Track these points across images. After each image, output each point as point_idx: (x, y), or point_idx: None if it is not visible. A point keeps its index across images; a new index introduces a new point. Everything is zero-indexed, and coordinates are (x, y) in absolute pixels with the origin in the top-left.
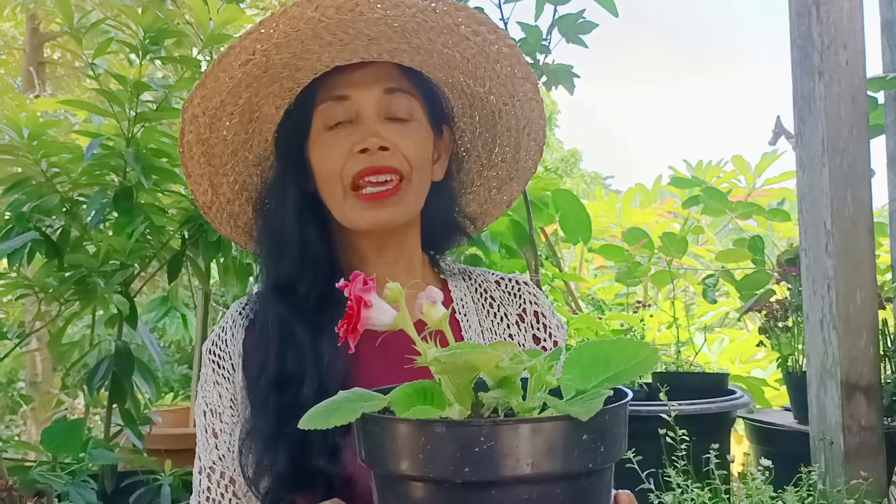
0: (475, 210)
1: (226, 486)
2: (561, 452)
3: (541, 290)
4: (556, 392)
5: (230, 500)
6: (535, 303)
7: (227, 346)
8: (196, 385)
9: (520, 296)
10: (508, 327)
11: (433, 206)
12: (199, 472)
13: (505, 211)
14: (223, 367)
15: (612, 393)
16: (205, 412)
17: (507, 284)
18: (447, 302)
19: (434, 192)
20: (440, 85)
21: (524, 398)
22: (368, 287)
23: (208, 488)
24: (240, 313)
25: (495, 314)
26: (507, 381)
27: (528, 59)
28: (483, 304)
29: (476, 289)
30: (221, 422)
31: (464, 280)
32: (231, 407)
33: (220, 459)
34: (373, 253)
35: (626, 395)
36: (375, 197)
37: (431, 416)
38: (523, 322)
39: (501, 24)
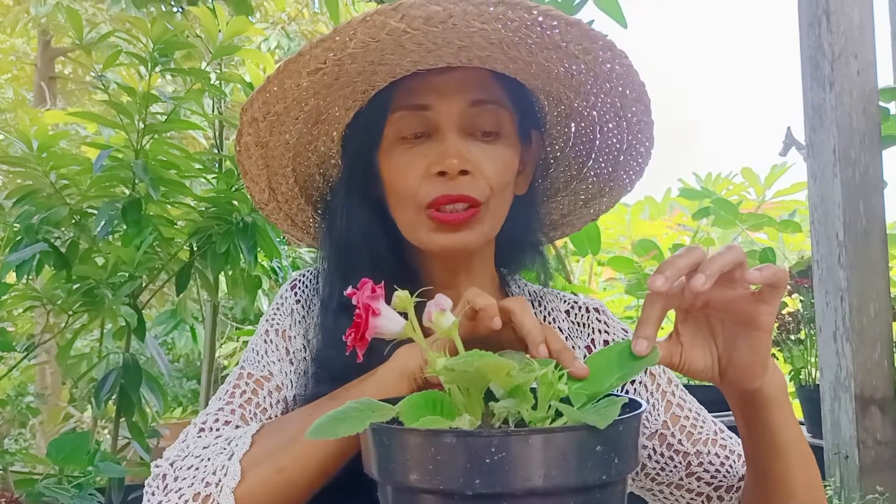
0: (556, 219)
1: (278, 401)
2: (574, 464)
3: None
4: (566, 402)
5: (281, 411)
6: (605, 331)
7: (316, 293)
8: (208, 392)
9: (588, 325)
10: None
11: (512, 221)
12: (240, 378)
13: None
14: (306, 308)
15: (627, 400)
16: (268, 331)
17: (576, 314)
18: None
19: (515, 205)
20: (535, 91)
21: (535, 408)
22: (377, 295)
23: (254, 391)
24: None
25: None
26: (518, 390)
27: None
28: None
29: (545, 317)
30: (292, 345)
31: (534, 306)
32: (304, 339)
33: (283, 374)
34: (440, 270)
35: (640, 405)
36: (450, 220)
37: (441, 427)
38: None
39: None
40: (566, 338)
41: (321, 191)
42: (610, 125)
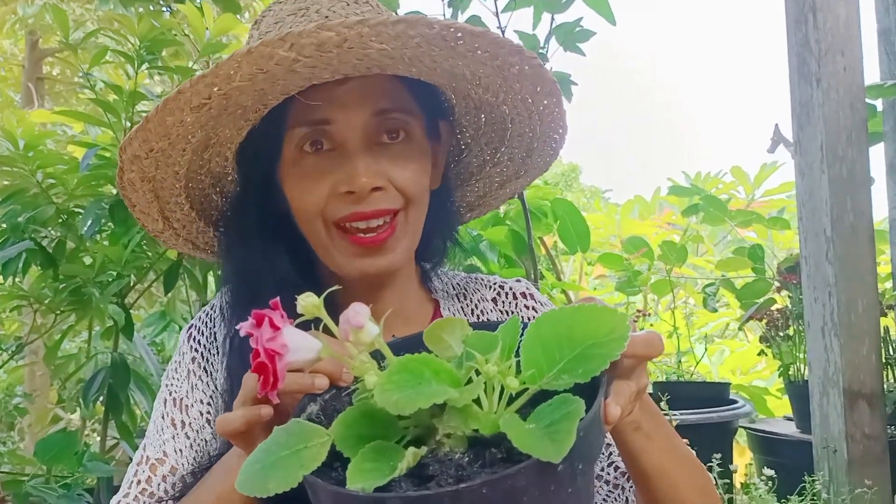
0: (472, 201)
1: (173, 483)
2: (538, 495)
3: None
4: (519, 398)
5: (174, 497)
6: (535, 317)
7: (214, 338)
8: None
9: (517, 313)
10: None
11: (430, 217)
12: (140, 463)
13: (503, 221)
14: (206, 360)
15: (582, 404)
16: (166, 401)
17: (503, 301)
18: None
19: (431, 200)
20: (441, 86)
21: (479, 402)
22: (277, 333)
23: (148, 479)
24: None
25: None
26: (464, 410)
27: None
28: None
29: (472, 310)
30: (188, 416)
31: (458, 300)
32: (203, 403)
33: (176, 454)
34: (359, 288)
35: (598, 387)
36: (368, 242)
37: (383, 475)
38: None
39: (499, 33)
40: None
41: (221, 209)
42: (521, 116)
